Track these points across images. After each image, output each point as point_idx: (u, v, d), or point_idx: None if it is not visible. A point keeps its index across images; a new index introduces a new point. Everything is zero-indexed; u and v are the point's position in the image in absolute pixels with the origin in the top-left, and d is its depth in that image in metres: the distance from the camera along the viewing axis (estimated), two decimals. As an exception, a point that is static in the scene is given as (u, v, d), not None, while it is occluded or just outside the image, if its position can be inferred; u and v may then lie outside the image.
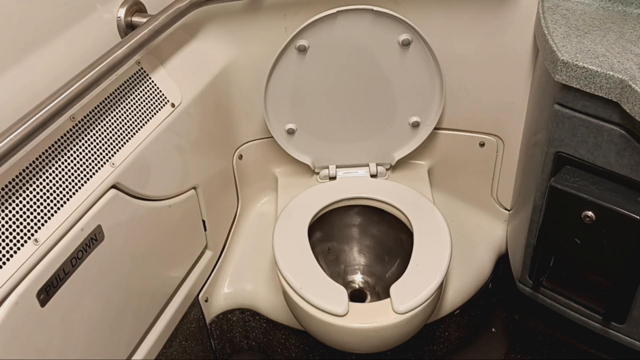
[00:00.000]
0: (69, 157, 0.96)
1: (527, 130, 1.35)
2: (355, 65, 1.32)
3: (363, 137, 1.44)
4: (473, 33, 1.31)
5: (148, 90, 1.13)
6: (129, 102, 1.09)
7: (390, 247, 1.47)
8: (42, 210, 0.90)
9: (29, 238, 0.87)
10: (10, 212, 0.86)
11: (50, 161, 0.93)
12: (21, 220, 0.87)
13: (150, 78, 1.14)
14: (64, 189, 0.94)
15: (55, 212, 0.92)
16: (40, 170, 0.91)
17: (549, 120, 1.12)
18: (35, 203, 0.89)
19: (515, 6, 1.25)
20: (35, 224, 0.89)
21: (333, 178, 1.49)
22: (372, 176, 1.49)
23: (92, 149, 1.00)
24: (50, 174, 0.93)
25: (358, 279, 1.48)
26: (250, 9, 1.29)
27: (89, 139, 1.00)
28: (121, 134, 1.06)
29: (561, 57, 1.02)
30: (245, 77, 1.38)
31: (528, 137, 1.32)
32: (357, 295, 1.45)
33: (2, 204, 0.85)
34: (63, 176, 0.95)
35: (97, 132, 1.02)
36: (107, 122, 1.04)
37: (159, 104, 1.14)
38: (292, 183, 1.51)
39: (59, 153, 0.95)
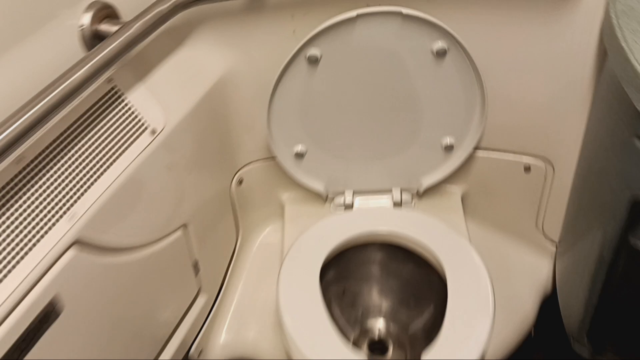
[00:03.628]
0: (13, 213, 0.74)
1: (585, 157, 1.11)
2: (377, 77, 1.08)
3: (386, 160, 1.21)
4: (522, 38, 1.07)
5: (122, 116, 0.91)
6: (96, 134, 0.86)
7: (418, 289, 1.24)
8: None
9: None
10: None
11: (-16, 222, 0.72)
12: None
13: (124, 100, 0.92)
14: (7, 255, 0.73)
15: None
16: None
17: (625, 158, 0.88)
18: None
19: (576, 6, 1.01)
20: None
21: (350, 206, 1.26)
22: (396, 204, 1.26)
23: (44, 198, 0.78)
24: (-15, 239, 0.71)
25: (379, 325, 1.26)
26: (251, 9, 1.06)
27: (41, 186, 0.78)
28: (85, 175, 0.83)
29: (652, 83, 0.78)
30: (246, 88, 1.15)
31: (588, 166, 1.09)
32: (377, 347, 1.23)
33: None
34: (5, 238, 0.73)
35: (52, 175, 0.80)
36: (66, 162, 0.82)
37: (135, 132, 0.92)
38: (302, 212, 1.29)
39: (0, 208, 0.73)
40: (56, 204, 0.79)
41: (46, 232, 0.77)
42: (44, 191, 0.78)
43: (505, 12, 1.04)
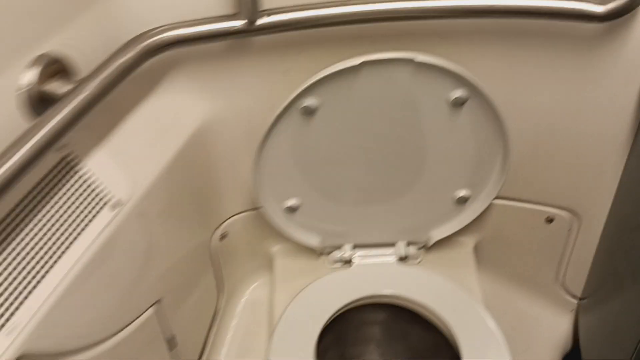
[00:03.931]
0: None
1: (618, 211, 0.97)
2: (383, 128, 0.93)
3: (390, 212, 1.06)
4: (552, 83, 0.92)
5: (76, 190, 0.75)
6: (44, 218, 0.71)
7: (425, 355, 1.10)
8: None
9: None
10: None
11: None
12: None
13: (81, 169, 0.76)
14: None
15: None
16: None
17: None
18: None
19: (618, 51, 0.85)
20: None
21: (348, 261, 1.11)
22: (401, 259, 1.11)
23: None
24: None
25: (380, 395, 1.13)
26: (235, 49, 0.90)
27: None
28: (28, 273, 0.68)
29: None
30: (230, 136, 0.99)
31: (622, 221, 0.95)
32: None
33: None
34: None
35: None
36: (4, 259, 0.66)
37: (93, 208, 0.76)
38: (294, 268, 1.14)
39: None
40: (-9, 317, 0.64)
41: (-22, 354, 0.62)
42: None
43: (534, 53, 0.88)
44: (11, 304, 0.65)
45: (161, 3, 0.81)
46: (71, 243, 0.72)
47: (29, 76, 0.70)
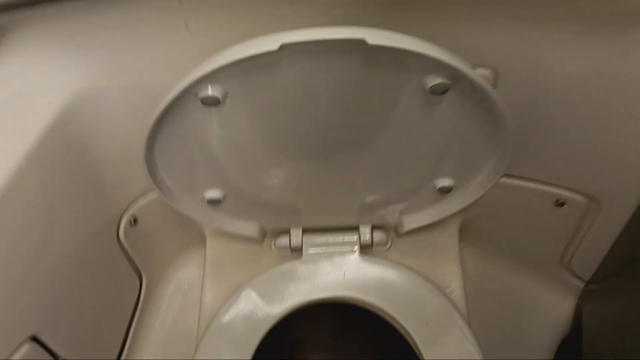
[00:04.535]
0: None
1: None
2: (327, 118, 0.64)
3: (351, 193, 0.80)
4: (574, 48, 0.61)
5: None
6: None
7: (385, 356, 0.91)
8: None
9: None
10: None
11: None
12: None
13: None
14: None
15: None
16: None
17: None
18: None
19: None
20: None
21: (298, 249, 0.88)
22: (365, 247, 0.87)
23: None
24: None
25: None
26: None
27: None
28: None
29: None
30: (117, 109, 0.71)
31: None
32: None
33: None
34: None
35: None
36: None
37: None
38: (228, 255, 0.90)
39: None
40: None
41: None
42: None
43: (556, 14, 0.57)
44: None
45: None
46: None
47: None
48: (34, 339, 0.71)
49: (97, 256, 0.80)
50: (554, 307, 1.00)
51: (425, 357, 0.76)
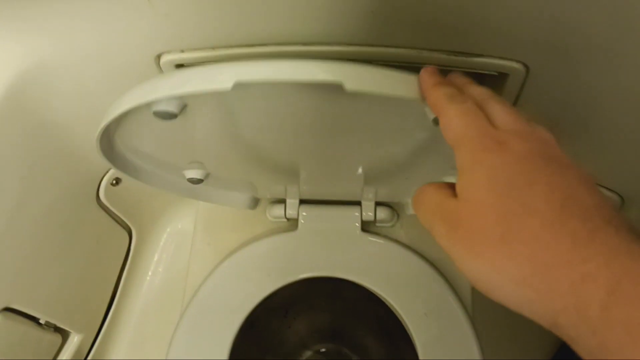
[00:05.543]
0: None
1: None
2: (308, 143, 0.53)
3: (353, 168, 0.71)
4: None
5: None
6: None
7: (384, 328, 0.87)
8: None
9: None
10: None
11: None
12: None
13: None
14: None
15: None
16: None
17: None
18: None
19: None
20: None
21: (293, 219, 0.80)
22: (366, 224, 0.80)
23: None
24: None
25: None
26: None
27: None
28: None
29: None
30: (77, 79, 0.61)
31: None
32: None
33: None
34: None
35: None
36: None
37: None
38: (220, 217, 0.84)
39: None
40: None
41: None
42: None
43: None
44: None
45: None
46: None
47: None
48: (8, 309, 0.69)
49: (76, 218, 0.75)
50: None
51: (420, 354, 0.72)
